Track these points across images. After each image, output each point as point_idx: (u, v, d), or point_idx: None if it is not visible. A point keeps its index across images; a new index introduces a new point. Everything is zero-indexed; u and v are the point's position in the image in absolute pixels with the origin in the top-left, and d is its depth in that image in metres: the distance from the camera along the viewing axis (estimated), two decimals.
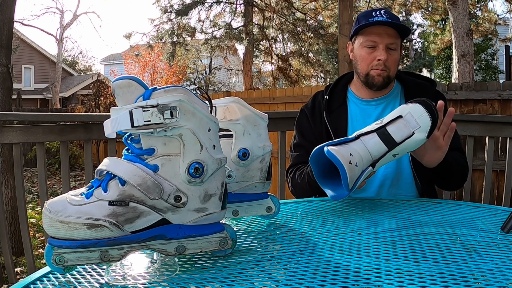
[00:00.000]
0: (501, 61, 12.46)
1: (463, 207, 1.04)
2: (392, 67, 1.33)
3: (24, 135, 2.00)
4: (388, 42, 1.30)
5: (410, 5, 11.11)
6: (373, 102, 1.39)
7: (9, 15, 3.38)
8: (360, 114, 1.39)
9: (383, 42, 1.30)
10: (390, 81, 1.36)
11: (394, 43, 1.32)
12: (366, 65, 1.34)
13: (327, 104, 1.41)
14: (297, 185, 1.35)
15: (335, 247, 0.74)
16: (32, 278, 0.63)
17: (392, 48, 1.32)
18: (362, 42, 1.34)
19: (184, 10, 11.31)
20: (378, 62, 1.31)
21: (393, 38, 1.31)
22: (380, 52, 1.31)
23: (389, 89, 1.40)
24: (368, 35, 1.32)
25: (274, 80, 12.76)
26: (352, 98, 1.43)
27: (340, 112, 1.40)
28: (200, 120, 0.63)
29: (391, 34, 1.31)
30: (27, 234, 2.03)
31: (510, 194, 2.20)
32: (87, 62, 28.12)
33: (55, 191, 6.71)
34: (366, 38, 1.33)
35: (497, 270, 0.62)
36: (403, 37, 1.36)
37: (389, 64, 1.32)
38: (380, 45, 1.30)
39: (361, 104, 1.41)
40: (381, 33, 1.31)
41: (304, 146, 1.41)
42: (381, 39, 1.30)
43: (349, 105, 1.42)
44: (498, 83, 3.63)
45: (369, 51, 1.33)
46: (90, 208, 0.59)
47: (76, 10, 24.45)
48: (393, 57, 1.33)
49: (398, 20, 1.32)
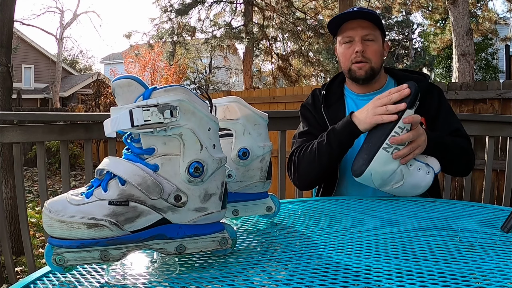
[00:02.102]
0: (501, 60, 12.46)
1: (463, 207, 1.04)
2: (373, 58, 1.35)
3: (24, 135, 2.00)
4: (363, 34, 1.34)
5: (410, 4, 11.11)
6: (368, 96, 1.39)
7: (9, 15, 3.38)
8: (357, 108, 1.39)
9: (358, 34, 1.34)
10: (375, 73, 1.37)
11: (370, 34, 1.35)
12: (347, 60, 1.38)
13: (325, 98, 1.43)
14: (304, 157, 1.32)
15: (335, 247, 0.74)
16: (32, 277, 0.63)
17: (369, 39, 1.35)
18: (340, 40, 1.40)
19: (184, 10, 11.31)
20: (356, 54, 1.34)
21: (368, 30, 1.34)
22: (356, 44, 1.34)
23: (380, 84, 1.42)
24: (344, 31, 1.38)
25: (274, 80, 12.76)
26: (348, 94, 1.46)
27: (337, 107, 1.42)
28: (200, 120, 0.63)
29: (365, 26, 1.34)
30: (27, 233, 2.03)
31: (510, 194, 2.20)
32: (87, 62, 28.18)
33: (55, 191, 6.71)
34: (343, 35, 1.38)
35: (497, 270, 0.62)
36: (382, 29, 1.38)
37: (368, 55, 1.34)
38: (356, 38, 1.35)
39: (357, 98, 1.43)
40: (354, 27, 1.35)
41: (312, 132, 1.41)
42: (355, 32, 1.35)
43: (346, 100, 1.45)
44: (498, 83, 3.63)
45: (347, 46, 1.37)
46: (90, 207, 0.59)
47: (76, 10, 24.46)
48: (372, 48, 1.35)
49: (373, 15, 1.36)
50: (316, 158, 1.27)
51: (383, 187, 1.08)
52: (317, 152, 1.27)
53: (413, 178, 1.06)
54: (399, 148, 1.02)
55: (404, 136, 1.02)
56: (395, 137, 1.02)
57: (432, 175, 1.07)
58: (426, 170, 1.06)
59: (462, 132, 1.35)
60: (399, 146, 1.02)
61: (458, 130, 1.34)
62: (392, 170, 1.04)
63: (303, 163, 1.33)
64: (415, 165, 1.06)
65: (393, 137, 1.02)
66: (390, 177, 1.05)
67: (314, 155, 1.28)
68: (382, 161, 1.03)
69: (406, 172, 1.05)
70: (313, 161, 1.28)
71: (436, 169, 1.08)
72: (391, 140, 1.01)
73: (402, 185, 1.07)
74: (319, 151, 1.26)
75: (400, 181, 1.06)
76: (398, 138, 1.02)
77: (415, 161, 1.06)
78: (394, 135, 1.02)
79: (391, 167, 1.03)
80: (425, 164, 1.06)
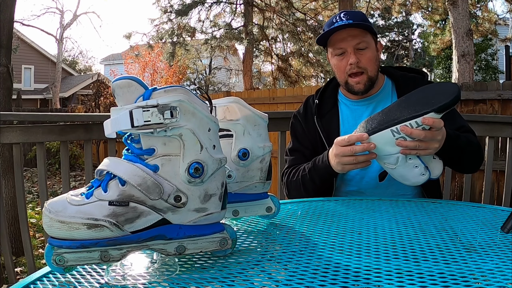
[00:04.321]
0: (501, 61, 12.46)
1: (463, 207, 1.04)
2: (368, 66, 1.31)
3: (24, 135, 2.00)
4: (355, 44, 1.29)
5: (410, 5, 11.12)
6: (363, 102, 1.39)
7: (9, 15, 3.38)
8: (351, 115, 1.39)
9: (349, 45, 1.29)
10: (373, 82, 1.34)
11: (362, 42, 1.29)
12: (342, 73, 1.34)
13: (318, 108, 1.41)
14: (291, 183, 1.34)
15: (335, 247, 0.74)
16: (32, 278, 0.63)
17: (361, 47, 1.30)
18: (332, 52, 1.35)
19: (184, 10, 11.31)
20: (350, 66, 1.30)
21: (359, 38, 1.29)
22: (349, 56, 1.30)
23: (377, 87, 1.38)
24: (334, 43, 1.32)
25: (274, 80, 12.76)
26: (343, 100, 1.43)
27: (331, 115, 1.39)
28: (200, 120, 0.63)
29: (356, 34, 1.29)
30: (27, 234, 2.03)
31: (510, 194, 2.20)
32: (87, 62, 28.18)
33: (55, 191, 6.71)
34: (333, 47, 1.33)
35: (497, 270, 0.62)
36: (372, 32, 1.33)
37: (363, 64, 1.30)
38: (348, 49, 1.30)
39: (351, 105, 1.40)
40: (344, 37, 1.29)
41: (300, 150, 1.41)
42: (346, 44, 1.29)
43: (340, 107, 1.42)
44: (498, 83, 3.63)
45: (340, 58, 1.33)
46: (90, 208, 0.59)
47: (76, 10, 24.48)
48: (366, 56, 1.30)
49: (360, 18, 1.30)
50: (301, 187, 1.30)
51: (376, 159, 1.07)
52: (301, 184, 1.30)
53: (406, 171, 1.05)
54: (406, 138, 1.00)
55: (415, 131, 0.98)
56: (407, 128, 0.98)
57: (425, 178, 1.05)
58: (422, 172, 1.05)
59: (468, 128, 1.32)
60: (407, 137, 1.00)
61: (463, 127, 1.31)
62: (389, 152, 1.03)
63: (291, 189, 1.36)
64: (414, 161, 1.04)
65: (405, 126, 0.99)
66: (385, 156, 1.04)
67: (299, 185, 1.30)
68: (384, 140, 1.01)
69: (401, 162, 1.04)
70: (299, 189, 1.31)
71: (434, 175, 1.06)
72: (401, 128, 0.99)
73: (392, 169, 1.06)
74: (304, 182, 1.29)
75: (392, 165, 1.05)
76: (408, 129, 0.98)
77: (417, 158, 1.04)
78: (408, 125, 0.98)
79: (389, 149, 1.02)
80: (424, 166, 1.05)
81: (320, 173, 1.23)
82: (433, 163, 1.06)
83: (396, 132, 1.00)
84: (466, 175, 2.38)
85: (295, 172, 1.34)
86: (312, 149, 1.39)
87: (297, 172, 1.33)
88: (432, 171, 1.06)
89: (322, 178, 1.24)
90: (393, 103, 1.10)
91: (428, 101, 1.00)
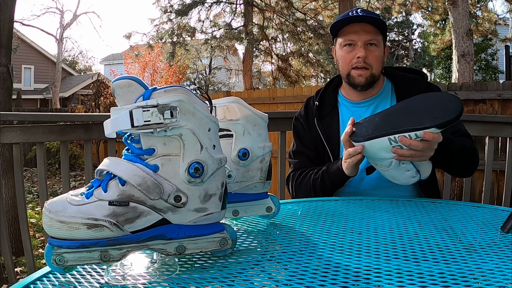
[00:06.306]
0: (501, 61, 12.47)
1: (463, 207, 1.04)
2: (374, 64, 1.30)
3: (24, 135, 2.00)
4: (367, 39, 1.29)
5: (410, 5, 11.11)
6: (363, 103, 1.38)
7: (9, 15, 3.38)
8: (351, 116, 1.39)
9: (361, 39, 1.29)
10: (375, 80, 1.33)
11: (374, 39, 1.29)
12: (346, 64, 1.33)
13: (318, 110, 1.40)
14: (300, 187, 1.34)
15: (335, 247, 0.74)
16: (32, 278, 0.63)
17: (372, 44, 1.30)
18: (341, 42, 1.34)
19: (184, 10, 11.31)
20: (357, 60, 1.29)
21: (371, 35, 1.29)
22: (358, 49, 1.29)
23: (377, 88, 1.38)
24: (346, 34, 1.32)
25: (274, 80, 12.76)
26: (343, 101, 1.42)
27: (331, 117, 1.39)
28: (200, 120, 0.63)
29: (369, 30, 1.29)
30: (27, 234, 2.03)
31: (510, 194, 2.20)
32: (87, 62, 28.18)
33: (55, 191, 6.71)
34: (344, 38, 1.32)
35: (497, 270, 0.62)
36: (385, 34, 1.33)
37: (370, 61, 1.30)
38: (359, 43, 1.29)
39: (351, 106, 1.40)
40: (358, 30, 1.29)
41: (304, 152, 1.41)
42: (358, 37, 1.29)
43: (340, 108, 1.41)
44: (498, 83, 3.63)
45: (348, 50, 1.32)
46: (90, 208, 0.59)
47: (76, 10, 24.45)
48: (374, 54, 1.30)
49: (377, 16, 1.31)
50: (311, 190, 1.30)
51: (368, 159, 1.11)
52: (312, 187, 1.30)
53: (398, 173, 1.07)
54: (403, 147, 1.01)
55: (414, 143, 0.99)
56: (406, 139, 0.99)
57: (415, 180, 1.08)
58: (413, 174, 1.07)
59: (464, 132, 1.33)
60: (404, 146, 1.01)
61: (459, 131, 1.31)
62: (383, 157, 1.05)
63: (300, 192, 1.36)
64: (407, 165, 1.06)
65: (404, 137, 0.99)
66: (379, 159, 1.06)
67: (309, 188, 1.31)
68: (380, 146, 1.03)
69: (394, 165, 1.05)
70: (309, 192, 1.31)
71: (423, 176, 1.08)
72: (399, 138, 1.00)
73: (384, 171, 1.08)
74: (314, 186, 1.29)
75: (385, 167, 1.07)
76: (407, 140, 0.98)
77: (410, 163, 1.06)
78: (406, 136, 0.99)
79: (384, 155, 1.04)
80: (416, 170, 1.06)
81: (332, 177, 1.24)
82: (423, 165, 1.08)
83: (393, 141, 1.01)
84: None
85: (304, 176, 1.34)
86: (316, 151, 1.39)
87: (305, 176, 1.33)
88: (422, 172, 1.08)
89: (333, 182, 1.25)
90: (392, 107, 1.11)
91: (430, 114, 0.99)
